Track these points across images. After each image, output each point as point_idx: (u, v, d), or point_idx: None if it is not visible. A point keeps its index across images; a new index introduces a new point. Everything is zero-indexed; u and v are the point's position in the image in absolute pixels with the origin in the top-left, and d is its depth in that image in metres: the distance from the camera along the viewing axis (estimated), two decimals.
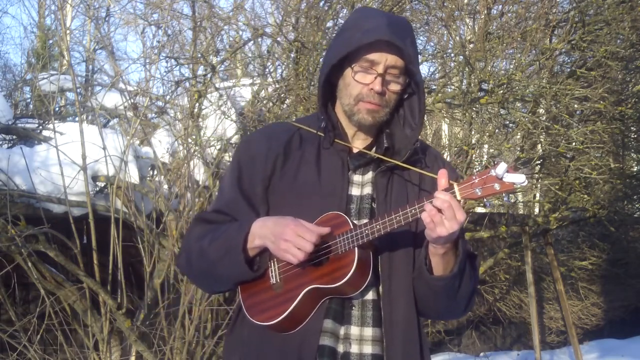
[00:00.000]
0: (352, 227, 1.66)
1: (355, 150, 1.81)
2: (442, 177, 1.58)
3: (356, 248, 1.64)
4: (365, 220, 1.72)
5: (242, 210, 1.79)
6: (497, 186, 1.54)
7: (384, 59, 1.72)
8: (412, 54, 1.73)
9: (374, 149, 1.82)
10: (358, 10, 1.92)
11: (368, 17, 1.77)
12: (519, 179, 1.53)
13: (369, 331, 1.71)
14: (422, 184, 1.82)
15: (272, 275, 1.74)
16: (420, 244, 1.76)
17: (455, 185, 1.58)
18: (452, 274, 1.68)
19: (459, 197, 1.57)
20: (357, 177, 1.80)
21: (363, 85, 1.73)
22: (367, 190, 1.79)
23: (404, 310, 1.72)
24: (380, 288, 1.73)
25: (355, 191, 1.79)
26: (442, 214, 1.55)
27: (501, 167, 1.53)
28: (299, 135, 1.84)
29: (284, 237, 1.64)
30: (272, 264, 1.74)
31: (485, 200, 1.58)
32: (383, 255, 1.73)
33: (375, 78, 1.72)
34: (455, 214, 1.55)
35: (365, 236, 1.64)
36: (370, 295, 1.72)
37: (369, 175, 1.80)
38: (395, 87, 1.75)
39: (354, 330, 1.71)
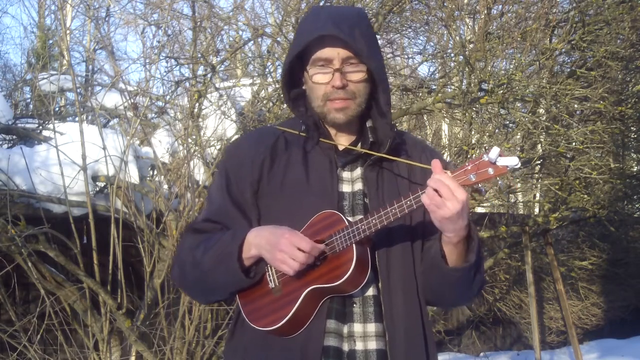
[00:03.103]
0: (347, 224, 1.65)
1: (341, 148, 1.80)
2: (436, 166, 1.57)
3: (354, 245, 1.63)
4: (360, 216, 1.71)
5: (233, 217, 1.78)
6: (491, 170, 1.53)
7: (335, 53, 1.70)
8: (363, 44, 1.69)
9: (359, 144, 1.80)
10: (308, 10, 1.90)
11: (315, 16, 1.76)
12: (512, 161, 1.52)
13: (371, 327, 1.70)
14: (411, 175, 1.80)
15: (270, 280, 1.72)
16: (416, 237, 1.76)
17: (448, 173, 1.57)
18: (468, 265, 1.67)
19: None
20: (346, 174, 1.79)
21: (324, 84, 1.72)
22: (358, 186, 1.78)
23: (403, 304, 1.71)
24: (380, 283, 1.72)
25: (346, 188, 1.78)
26: (441, 196, 1.54)
27: (494, 151, 1.52)
28: (284, 138, 1.83)
29: (280, 247, 1.63)
30: (270, 268, 1.72)
31: (480, 185, 1.58)
32: (380, 250, 1.72)
33: (333, 74, 1.70)
34: (453, 192, 1.53)
35: (362, 232, 1.63)
36: (370, 292, 1.71)
37: (358, 171, 1.79)
38: (357, 76, 1.72)
39: (357, 327, 1.70)
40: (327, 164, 1.77)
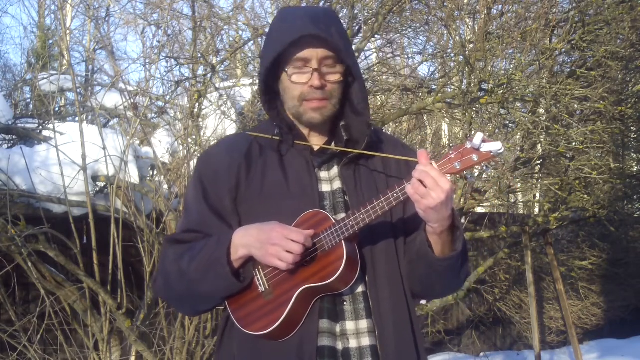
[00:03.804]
0: (334, 222, 1.65)
1: (316, 148, 1.81)
2: (422, 157, 1.58)
3: (343, 242, 1.63)
4: (342, 215, 1.71)
5: (213, 225, 1.76)
6: (475, 157, 1.54)
7: (314, 54, 1.71)
8: (340, 42, 1.72)
9: (333, 143, 1.81)
10: (279, 11, 1.89)
11: (289, 16, 1.77)
12: (495, 146, 1.52)
13: (363, 323, 1.71)
14: (387, 170, 1.82)
15: (259, 284, 1.70)
16: (398, 233, 1.77)
17: (433, 162, 1.57)
18: (456, 253, 1.69)
19: None
20: (323, 174, 1.80)
21: (302, 85, 1.73)
22: (337, 184, 1.78)
23: (390, 298, 1.72)
24: (367, 279, 1.72)
25: (325, 188, 1.78)
26: (426, 186, 1.55)
27: (477, 138, 1.52)
28: (257, 144, 1.82)
29: (272, 241, 1.62)
30: (258, 272, 1.71)
31: (465, 173, 1.58)
32: (365, 247, 1.73)
33: (312, 74, 1.71)
34: (437, 182, 1.54)
35: (351, 227, 1.63)
36: (359, 288, 1.72)
37: (335, 170, 1.80)
38: (333, 77, 1.74)
39: (349, 325, 1.70)
40: (304, 165, 1.77)
